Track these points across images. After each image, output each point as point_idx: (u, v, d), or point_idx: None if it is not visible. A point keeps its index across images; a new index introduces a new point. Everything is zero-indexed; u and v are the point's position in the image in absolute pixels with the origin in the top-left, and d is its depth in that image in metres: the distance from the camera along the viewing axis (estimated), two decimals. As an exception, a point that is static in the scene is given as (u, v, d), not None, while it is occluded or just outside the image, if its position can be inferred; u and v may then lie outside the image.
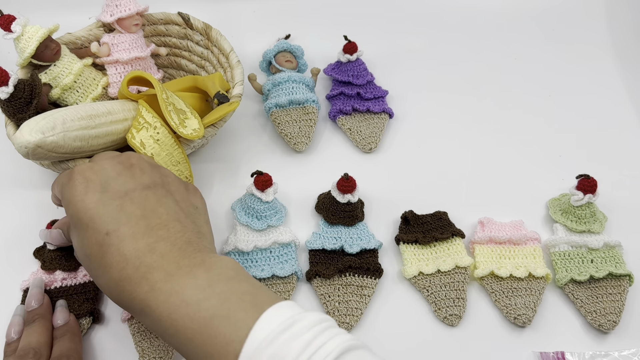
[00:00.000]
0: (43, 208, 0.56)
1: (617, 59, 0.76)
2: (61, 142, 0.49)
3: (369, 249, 0.55)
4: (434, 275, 0.54)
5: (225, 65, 0.63)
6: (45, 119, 0.48)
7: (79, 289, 0.52)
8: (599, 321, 0.51)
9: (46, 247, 0.53)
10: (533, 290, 0.53)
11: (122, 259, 0.38)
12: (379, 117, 0.66)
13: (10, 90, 0.52)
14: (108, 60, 0.63)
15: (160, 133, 0.53)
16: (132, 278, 0.38)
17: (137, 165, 0.44)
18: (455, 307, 0.52)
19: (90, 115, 0.52)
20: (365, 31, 0.76)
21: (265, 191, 0.54)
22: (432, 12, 0.81)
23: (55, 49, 0.58)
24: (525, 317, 0.51)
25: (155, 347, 0.47)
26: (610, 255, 0.55)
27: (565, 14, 0.81)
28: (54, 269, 0.53)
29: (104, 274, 0.39)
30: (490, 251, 0.55)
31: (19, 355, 0.45)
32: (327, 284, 0.53)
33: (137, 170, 0.44)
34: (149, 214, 0.41)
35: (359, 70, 0.68)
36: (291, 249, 0.55)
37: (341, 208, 0.56)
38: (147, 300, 0.37)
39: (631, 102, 0.71)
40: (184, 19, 0.65)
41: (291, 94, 0.64)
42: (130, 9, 0.62)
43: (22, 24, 0.55)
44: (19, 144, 0.47)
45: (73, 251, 0.53)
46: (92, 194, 0.41)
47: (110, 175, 0.42)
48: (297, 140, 0.63)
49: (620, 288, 0.53)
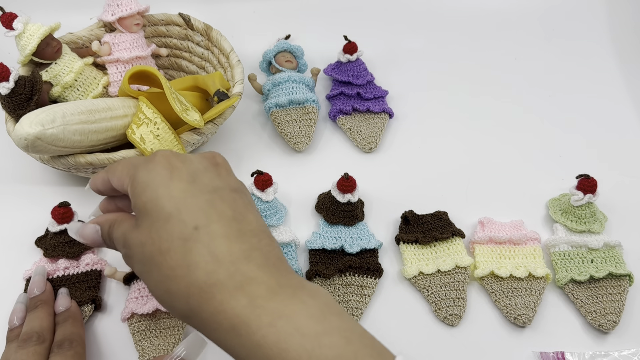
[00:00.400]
0: (43, 203, 0.56)
1: (618, 59, 0.76)
2: (61, 135, 0.49)
3: (369, 249, 0.55)
4: (434, 275, 0.54)
5: (226, 65, 0.63)
6: (45, 112, 0.48)
7: (81, 278, 0.52)
8: (599, 321, 0.51)
9: (48, 234, 0.53)
10: (533, 290, 0.53)
11: (213, 260, 0.32)
12: (379, 117, 0.66)
13: (11, 86, 0.52)
14: (109, 60, 0.63)
15: (161, 129, 0.53)
16: (224, 285, 0.32)
17: (223, 165, 0.38)
18: (456, 307, 0.52)
19: (91, 110, 0.52)
20: (365, 31, 0.76)
21: (265, 191, 0.54)
22: (432, 12, 0.81)
23: (57, 47, 0.58)
24: (525, 317, 0.51)
25: (155, 347, 0.47)
26: (610, 255, 0.55)
27: (566, 13, 0.81)
28: (57, 256, 0.53)
29: (184, 275, 0.32)
30: (490, 251, 0.55)
31: (22, 339, 0.44)
32: (327, 284, 0.53)
33: (223, 171, 0.38)
34: (239, 217, 0.35)
35: (359, 70, 0.68)
36: (291, 248, 0.55)
37: (341, 208, 0.56)
38: (244, 317, 0.31)
39: (632, 101, 0.71)
40: (185, 19, 0.65)
41: (291, 93, 0.64)
42: (131, 8, 0.62)
43: (24, 22, 0.56)
44: (19, 135, 0.47)
45: None
46: (178, 182, 0.35)
47: (197, 168, 0.36)
48: (297, 140, 0.63)
49: (620, 288, 0.53)
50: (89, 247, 0.54)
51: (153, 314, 0.49)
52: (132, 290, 0.50)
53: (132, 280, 0.51)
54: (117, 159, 0.52)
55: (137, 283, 0.50)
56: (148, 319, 0.49)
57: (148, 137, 0.52)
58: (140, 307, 0.48)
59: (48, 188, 0.59)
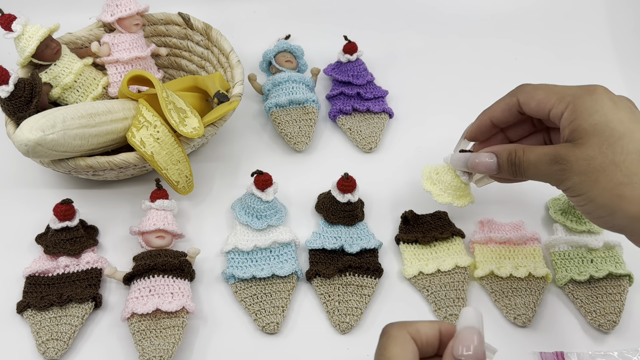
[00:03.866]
0: (43, 205, 0.56)
1: (618, 58, 0.76)
2: (61, 140, 0.49)
3: (369, 249, 0.55)
4: (434, 275, 0.54)
5: (226, 65, 0.63)
6: (45, 117, 0.48)
7: (81, 276, 0.52)
8: (599, 321, 0.51)
9: (49, 231, 0.53)
10: (533, 290, 0.53)
11: None
12: (379, 117, 0.66)
13: (11, 89, 0.52)
14: (108, 60, 0.63)
15: (161, 132, 0.53)
16: None
17: None
18: (456, 307, 0.52)
19: (91, 113, 0.52)
20: (365, 31, 0.76)
21: (265, 191, 0.54)
22: (432, 12, 0.81)
23: (56, 48, 0.58)
24: (525, 317, 0.51)
25: (155, 347, 0.47)
26: (610, 255, 0.55)
27: (566, 13, 0.81)
28: (57, 253, 0.53)
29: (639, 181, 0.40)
30: (490, 251, 0.55)
31: None
32: (327, 284, 0.53)
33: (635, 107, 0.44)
34: None
35: (359, 70, 0.68)
36: (291, 248, 0.55)
37: (341, 208, 0.56)
38: None
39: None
40: (184, 19, 0.65)
41: (291, 93, 0.64)
42: (130, 8, 0.62)
43: (23, 24, 0.55)
44: (19, 141, 0.47)
45: (76, 235, 0.53)
46: (623, 111, 0.42)
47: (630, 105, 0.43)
48: (297, 140, 0.63)
49: (620, 288, 0.53)
50: (90, 245, 0.54)
51: (153, 314, 0.49)
52: (132, 290, 0.50)
53: (132, 280, 0.51)
54: (118, 162, 0.52)
55: (137, 283, 0.50)
56: (148, 318, 0.49)
57: (148, 140, 0.52)
58: (141, 307, 0.48)
59: (48, 190, 0.59)
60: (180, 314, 0.49)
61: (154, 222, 0.53)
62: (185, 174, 0.56)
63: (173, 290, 0.50)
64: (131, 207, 0.58)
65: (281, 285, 0.53)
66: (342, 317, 0.51)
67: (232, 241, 0.54)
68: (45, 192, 0.59)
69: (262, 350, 0.50)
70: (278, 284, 0.53)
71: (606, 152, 0.41)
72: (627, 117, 0.42)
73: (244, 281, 0.53)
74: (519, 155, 0.46)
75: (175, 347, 0.48)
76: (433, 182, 0.53)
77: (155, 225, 0.52)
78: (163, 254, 0.52)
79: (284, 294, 0.52)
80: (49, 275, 0.52)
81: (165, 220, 0.53)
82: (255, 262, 0.54)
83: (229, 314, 0.52)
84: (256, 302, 0.51)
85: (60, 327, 0.49)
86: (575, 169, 0.42)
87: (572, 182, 0.42)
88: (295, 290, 0.54)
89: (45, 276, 0.52)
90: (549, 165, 0.43)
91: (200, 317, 0.52)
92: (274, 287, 0.52)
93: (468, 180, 0.52)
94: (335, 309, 0.52)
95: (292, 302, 0.53)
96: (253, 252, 0.54)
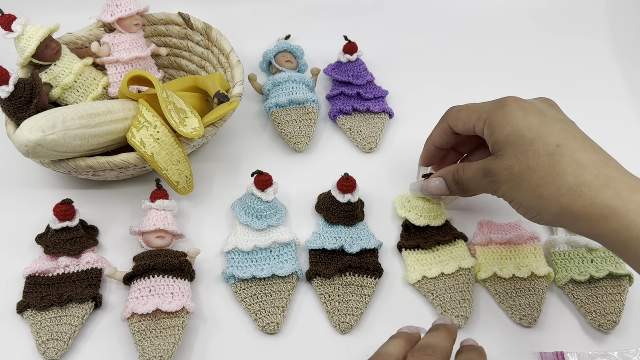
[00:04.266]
0: (43, 205, 0.56)
1: (618, 58, 0.76)
2: (61, 141, 0.49)
3: (369, 249, 0.55)
4: (438, 278, 0.53)
5: (226, 65, 0.63)
6: (45, 118, 0.48)
7: (82, 276, 0.52)
8: (599, 321, 0.51)
9: (49, 231, 0.53)
10: (536, 289, 0.53)
11: (579, 167, 0.41)
12: (379, 117, 0.66)
13: (11, 89, 0.52)
14: (108, 60, 0.63)
15: (161, 132, 0.53)
16: (591, 184, 0.40)
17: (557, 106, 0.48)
18: (461, 309, 0.52)
19: (91, 114, 0.52)
20: (365, 31, 0.76)
21: (266, 191, 0.54)
22: (431, 12, 0.81)
23: (56, 48, 0.58)
24: (531, 317, 0.51)
25: (155, 347, 0.47)
26: (610, 255, 0.55)
27: (566, 12, 0.81)
28: (57, 253, 0.53)
29: (553, 181, 0.42)
30: (492, 252, 0.55)
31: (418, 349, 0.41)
32: (327, 284, 0.53)
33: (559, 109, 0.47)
34: (587, 138, 0.44)
35: (359, 70, 0.68)
36: (291, 248, 0.55)
37: (341, 208, 0.56)
38: (612, 206, 0.39)
39: (632, 100, 0.71)
40: (184, 19, 0.65)
41: (291, 93, 0.64)
42: (130, 8, 0.62)
43: (23, 24, 0.55)
44: (19, 142, 0.47)
45: (77, 235, 0.53)
46: (532, 116, 0.44)
47: (542, 107, 0.46)
48: (297, 140, 0.63)
49: (620, 288, 0.53)
50: (90, 245, 0.54)
51: (153, 314, 0.49)
52: (132, 290, 0.50)
53: (132, 280, 0.51)
54: (118, 162, 0.52)
55: (137, 283, 0.50)
56: (148, 318, 0.49)
57: (148, 140, 0.52)
58: (141, 307, 0.48)
59: (48, 190, 0.59)
60: (180, 314, 0.49)
61: (154, 222, 0.53)
62: (185, 174, 0.56)
63: (173, 290, 0.50)
64: (131, 207, 0.58)
65: (281, 285, 0.53)
66: (342, 317, 0.51)
67: (232, 241, 0.54)
68: (45, 192, 0.59)
69: (262, 350, 0.50)
70: (278, 284, 0.53)
71: (521, 159, 0.43)
72: (536, 122, 0.44)
73: (244, 281, 0.53)
74: (459, 174, 0.50)
75: (175, 347, 0.48)
76: (407, 210, 0.57)
77: (155, 225, 0.52)
78: (163, 254, 0.52)
79: (284, 294, 0.52)
80: (49, 275, 0.52)
81: (165, 220, 0.53)
82: (255, 262, 0.54)
83: (229, 314, 0.52)
84: (256, 302, 0.51)
85: (60, 327, 0.49)
86: (501, 179, 0.45)
87: (502, 191, 0.45)
88: (295, 290, 0.54)
89: (45, 276, 0.52)
90: (482, 179, 0.47)
91: (200, 317, 0.52)
92: (274, 287, 0.52)
93: (438, 200, 0.56)
94: (335, 309, 0.52)
95: (292, 302, 0.53)
96: (253, 252, 0.54)
